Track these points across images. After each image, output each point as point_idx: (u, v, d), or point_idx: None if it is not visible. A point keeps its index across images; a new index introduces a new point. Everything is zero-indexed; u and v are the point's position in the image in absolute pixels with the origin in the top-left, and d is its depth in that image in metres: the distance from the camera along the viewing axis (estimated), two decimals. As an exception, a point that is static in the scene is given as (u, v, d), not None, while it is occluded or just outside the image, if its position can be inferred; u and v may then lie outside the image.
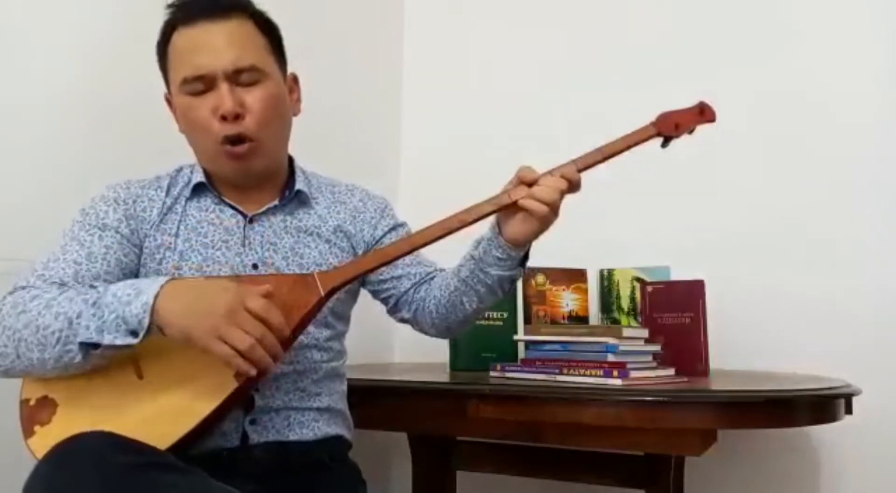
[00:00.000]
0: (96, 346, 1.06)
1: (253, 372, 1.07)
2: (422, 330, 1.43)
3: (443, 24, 2.40)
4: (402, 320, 1.44)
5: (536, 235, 1.24)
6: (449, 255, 1.38)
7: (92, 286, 1.12)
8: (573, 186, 1.23)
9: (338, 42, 2.16)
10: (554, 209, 1.21)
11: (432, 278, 1.40)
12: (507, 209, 1.23)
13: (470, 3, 2.37)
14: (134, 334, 1.05)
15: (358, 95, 2.25)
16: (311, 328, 1.28)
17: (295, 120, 1.38)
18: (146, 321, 1.05)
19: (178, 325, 1.05)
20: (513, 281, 1.31)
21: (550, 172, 1.22)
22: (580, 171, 1.23)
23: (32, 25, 1.48)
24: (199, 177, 1.31)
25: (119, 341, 1.05)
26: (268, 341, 1.07)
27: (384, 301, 1.44)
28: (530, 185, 1.21)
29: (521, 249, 1.26)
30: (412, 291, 1.40)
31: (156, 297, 1.05)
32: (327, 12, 2.12)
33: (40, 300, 1.09)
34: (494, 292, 1.30)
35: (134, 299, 1.06)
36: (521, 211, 1.21)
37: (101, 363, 1.10)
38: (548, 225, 1.23)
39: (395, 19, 2.43)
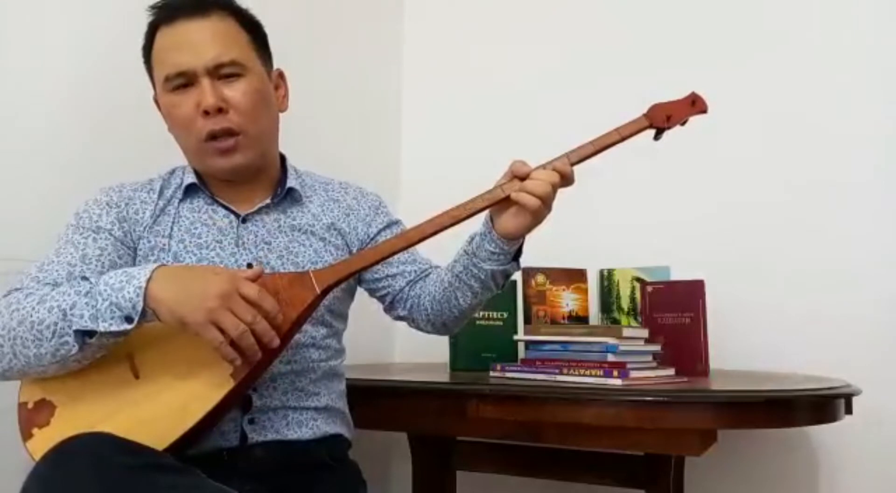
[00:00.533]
0: (92, 335, 1.06)
1: (238, 362, 1.08)
2: (418, 327, 1.42)
3: (442, 24, 2.39)
4: (399, 318, 1.44)
5: (529, 228, 1.23)
6: (443, 253, 1.38)
7: (84, 278, 1.13)
8: (566, 180, 1.22)
9: (338, 42, 2.16)
10: (546, 203, 1.20)
11: (427, 275, 1.40)
12: (500, 204, 1.22)
13: (469, 2, 2.36)
14: (129, 319, 1.05)
15: (358, 94, 2.25)
16: (308, 327, 1.28)
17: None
18: (140, 305, 1.05)
19: (171, 309, 1.05)
20: (506, 276, 1.30)
21: (543, 166, 1.22)
22: (573, 164, 1.23)
23: (32, 25, 1.48)
24: (190, 178, 1.31)
25: (114, 328, 1.05)
26: (260, 327, 1.07)
27: (381, 299, 1.44)
28: (523, 178, 1.21)
29: (514, 243, 1.26)
30: (407, 288, 1.40)
31: (148, 281, 1.06)
32: (327, 12, 2.12)
33: (33, 297, 1.09)
34: (488, 287, 1.30)
35: (126, 284, 1.06)
36: (514, 205, 1.21)
37: (98, 356, 1.10)
38: (540, 219, 1.22)
39: (395, 19, 2.43)
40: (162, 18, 1.25)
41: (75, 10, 1.55)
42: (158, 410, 1.10)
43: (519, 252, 1.30)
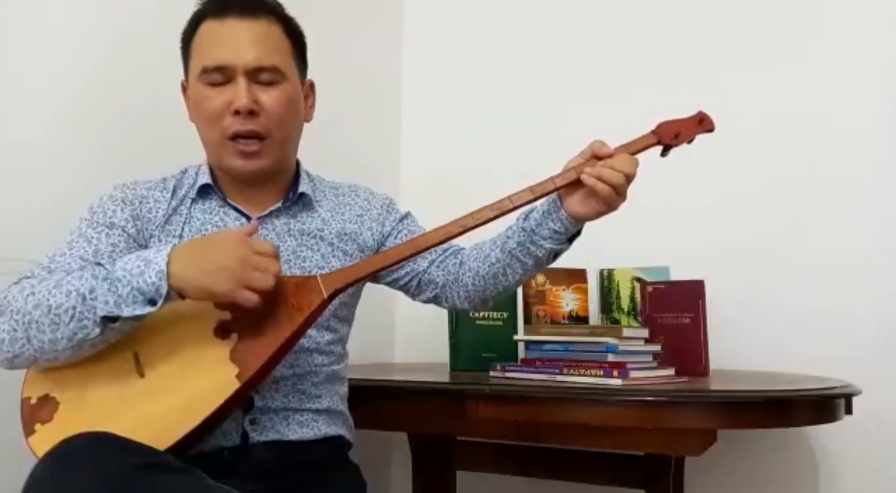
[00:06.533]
0: (114, 320, 1.06)
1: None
2: (452, 305, 1.41)
3: (442, 24, 2.39)
4: (429, 300, 1.43)
5: (601, 215, 1.24)
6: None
7: (98, 263, 1.13)
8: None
9: (337, 43, 2.16)
10: (619, 192, 1.20)
11: (455, 254, 1.40)
12: (569, 186, 1.23)
13: (469, 3, 2.36)
14: (152, 302, 1.06)
15: (358, 96, 2.25)
16: (312, 332, 1.28)
17: (302, 128, 1.38)
18: (164, 289, 1.06)
19: (197, 285, 1.07)
20: (557, 255, 1.31)
21: (622, 148, 1.23)
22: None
23: (35, 23, 1.48)
24: (205, 178, 1.31)
25: (138, 311, 1.06)
26: (280, 271, 1.11)
27: (405, 286, 1.43)
28: (601, 159, 1.22)
29: (580, 224, 1.26)
30: (434, 268, 1.40)
31: (168, 263, 1.07)
32: (327, 14, 2.12)
33: (48, 283, 1.09)
34: (541, 265, 1.30)
35: (146, 268, 1.07)
36: (585, 186, 1.21)
37: (112, 340, 1.10)
38: (613, 207, 1.22)
39: (395, 20, 2.43)
40: (211, 11, 1.26)
41: (82, 10, 1.55)
42: (162, 409, 1.10)
43: (577, 234, 1.30)
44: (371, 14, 2.35)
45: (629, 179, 1.21)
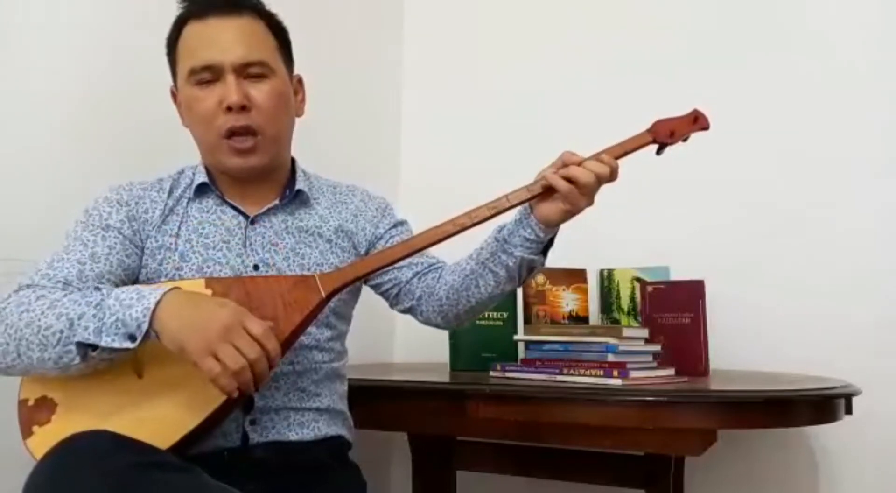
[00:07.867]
0: (94, 348, 1.06)
1: (235, 394, 1.05)
2: (426, 320, 1.41)
3: (442, 30, 2.39)
4: (405, 310, 1.43)
5: (564, 215, 1.23)
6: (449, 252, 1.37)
7: (97, 288, 1.13)
8: (612, 174, 1.22)
9: (337, 45, 2.16)
10: (584, 191, 1.20)
11: (437, 269, 1.40)
12: (541, 190, 1.23)
13: (470, 5, 2.36)
14: (132, 338, 1.05)
15: (357, 98, 2.24)
16: (312, 329, 1.28)
17: (295, 124, 1.38)
18: (145, 326, 1.04)
19: (173, 335, 1.05)
20: (531, 269, 1.30)
21: (593, 157, 1.23)
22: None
23: (33, 24, 1.48)
24: (202, 177, 1.31)
25: (116, 344, 1.05)
26: (260, 366, 1.05)
27: (386, 293, 1.43)
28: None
29: (550, 230, 1.26)
30: (416, 280, 1.39)
31: (157, 303, 1.05)
32: (327, 14, 2.12)
33: (44, 301, 1.09)
34: (512, 277, 1.30)
35: (136, 303, 1.06)
36: (554, 192, 1.21)
37: (101, 366, 1.10)
38: (576, 206, 1.22)
39: (395, 22, 2.42)
40: (193, 12, 1.26)
41: (82, 11, 1.54)
42: (161, 409, 1.10)
43: (549, 245, 1.29)
44: (372, 15, 2.35)
45: (599, 179, 1.20)
